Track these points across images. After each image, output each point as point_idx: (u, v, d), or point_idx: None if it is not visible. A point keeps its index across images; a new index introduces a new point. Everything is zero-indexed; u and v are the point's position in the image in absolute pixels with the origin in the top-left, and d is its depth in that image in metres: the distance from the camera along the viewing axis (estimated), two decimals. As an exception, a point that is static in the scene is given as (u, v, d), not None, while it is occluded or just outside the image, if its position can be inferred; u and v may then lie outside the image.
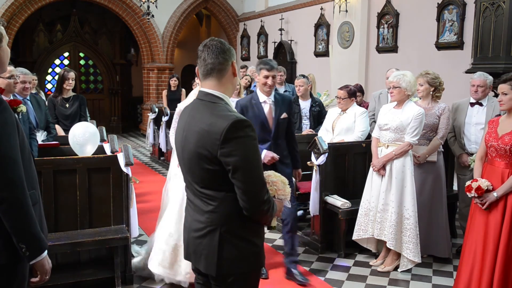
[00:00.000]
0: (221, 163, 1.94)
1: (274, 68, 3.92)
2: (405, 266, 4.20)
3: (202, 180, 2.04)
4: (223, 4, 13.39)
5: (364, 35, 8.63)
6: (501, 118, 3.46)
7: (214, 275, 2.06)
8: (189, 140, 2.05)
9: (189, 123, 2.08)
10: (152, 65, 13.17)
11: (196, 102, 2.12)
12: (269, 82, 3.91)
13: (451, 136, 4.76)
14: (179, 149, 2.15)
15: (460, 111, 4.71)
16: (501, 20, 5.64)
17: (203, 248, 2.06)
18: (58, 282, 3.68)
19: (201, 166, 2.01)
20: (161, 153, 9.58)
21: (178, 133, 2.18)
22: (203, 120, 2.00)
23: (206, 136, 1.96)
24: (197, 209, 2.10)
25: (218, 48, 2.07)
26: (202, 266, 2.08)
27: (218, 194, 2.02)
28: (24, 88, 4.69)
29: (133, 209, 4.02)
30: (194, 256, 2.13)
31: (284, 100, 4.07)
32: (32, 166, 2.18)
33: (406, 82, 4.09)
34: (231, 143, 1.91)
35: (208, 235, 2.05)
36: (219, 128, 1.92)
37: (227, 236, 2.03)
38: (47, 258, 2.05)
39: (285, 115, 3.99)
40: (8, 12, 11.27)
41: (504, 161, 3.31)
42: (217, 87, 2.09)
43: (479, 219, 3.39)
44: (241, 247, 2.05)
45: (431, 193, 4.44)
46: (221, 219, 2.03)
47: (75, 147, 4.20)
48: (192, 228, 2.12)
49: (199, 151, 1.99)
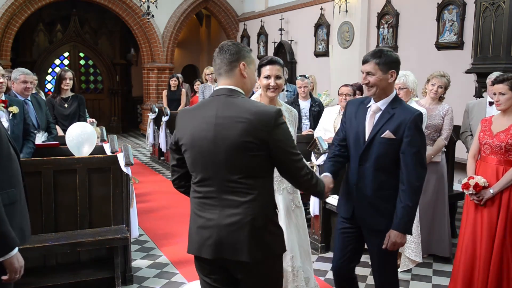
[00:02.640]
0: (267, 149, 2.08)
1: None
2: (406, 266, 4.21)
3: (246, 170, 2.11)
4: (223, 4, 13.39)
5: (364, 35, 8.63)
6: (494, 117, 3.50)
7: (262, 260, 2.15)
8: (230, 132, 2.09)
9: (223, 117, 2.11)
10: (152, 65, 13.17)
11: (220, 98, 2.17)
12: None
13: (468, 135, 4.77)
14: (207, 146, 2.12)
15: (479, 110, 4.69)
16: (501, 20, 5.64)
17: (246, 238, 2.11)
18: (58, 282, 3.69)
19: (246, 155, 2.09)
20: (161, 153, 9.58)
21: (199, 131, 2.15)
22: (245, 111, 2.10)
23: (254, 125, 2.07)
24: (229, 203, 2.13)
25: (227, 51, 2.19)
26: (244, 256, 2.12)
27: (258, 182, 2.14)
28: (25, 88, 4.70)
29: (133, 209, 4.02)
30: (231, 250, 2.13)
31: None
32: (13, 165, 2.16)
33: (411, 82, 4.09)
34: (278, 129, 2.09)
35: (248, 225, 2.11)
36: (268, 116, 2.08)
37: (267, 222, 2.17)
38: (18, 256, 2.05)
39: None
40: (8, 12, 11.27)
41: (498, 158, 3.36)
42: (234, 83, 2.20)
43: (474, 216, 3.43)
44: (274, 231, 2.20)
45: (434, 193, 4.45)
46: (260, 207, 2.14)
47: (72, 148, 4.19)
48: (226, 223, 2.13)
49: (246, 140, 2.07)
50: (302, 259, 3.46)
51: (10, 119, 3.95)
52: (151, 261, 4.52)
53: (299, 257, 3.42)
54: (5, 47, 11.63)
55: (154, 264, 4.44)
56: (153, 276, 4.18)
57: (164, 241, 5.05)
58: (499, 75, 3.52)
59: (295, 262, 3.37)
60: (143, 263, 4.45)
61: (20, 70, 4.73)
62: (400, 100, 2.74)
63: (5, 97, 4.10)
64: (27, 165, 3.66)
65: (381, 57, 2.64)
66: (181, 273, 4.25)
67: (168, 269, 4.34)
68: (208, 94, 8.05)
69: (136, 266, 4.33)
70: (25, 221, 2.15)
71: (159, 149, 9.50)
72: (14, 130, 3.96)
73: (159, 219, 5.78)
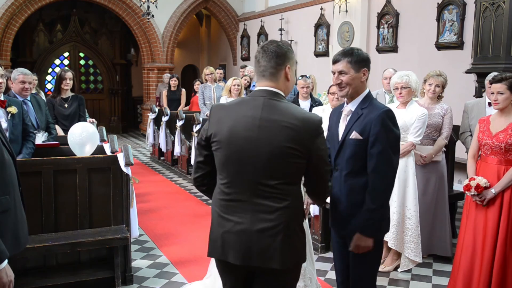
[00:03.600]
0: (308, 157, 2.07)
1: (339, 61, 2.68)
2: (406, 266, 4.21)
3: (285, 176, 2.07)
4: (223, 4, 13.39)
5: (364, 35, 8.63)
6: (492, 117, 3.50)
7: (292, 267, 2.14)
8: (272, 137, 2.04)
9: (268, 120, 2.06)
10: (152, 65, 13.17)
11: (263, 100, 2.11)
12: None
13: (467, 135, 4.77)
14: (246, 148, 2.06)
15: (479, 111, 4.70)
16: (501, 20, 5.64)
17: (279, 244, 2.06)
18: (58, 282, 3.68)
19: (288, 161, 2.05)
20: (161, 153, 9.59)
21: (240, 130, 2.08)
22: (290, 116, 2.06)
23: (299, 131, 2.04)
24: (263, 208, 2.07)
25: (272, 52, 2.14)
26: (276, 263, 2.07)
27: (292, 189, 2.11)
28: (23, 88, 4.69)
29: (133, 209, 4.02)
30: (260, 257, 2.07)
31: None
32: (7, 171, 2.06)
33: (414, 82, 4.09)
34: (320, 138, 2.10)
35: (282, 232, 2.07)
36: (313, 123, 2.08)
37: (296, 228, 2.14)
38: (7, 270, 1.93)
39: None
40: (8, 12, 11.27)
41: (499, 158, 3.37)
42: (276, 86, 2.16)
43: (476, 216, 3.43)
44: (302, 237, 2.18)
45: (435, 192, 4.45)
46: (292, 214, 2.11)
47: (74, 147, 4.20)
48: (257, 229, 2.07)
49: (289, 146, 2.03)
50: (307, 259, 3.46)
51: (9, 119, 3.94)
52: (151, 261, 4.51)
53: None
54: (5, 47, 11.63)
55: (154, 264, 4.44)
56: (153, 276, 4.18)
57: (164, 241, 5.05)
58: (497, 74, 3.52)
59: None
60: (143, 263, 4.45)
61: (19, 70, 4.72)
62: (371, 99, 2.61)
63: (4, 97, 4.10)
64: (27, 165, 3.67)
65: (352, 55, 2.55)
66: (181, 273, 4.25)
67: (168, 269, 4.34)
68: (208, 94, 8.05)
69: (136, 266, 4.33)
70: (21, 228, 2.07)
71: (159, 149, 9.50)
72: (13, 130, 3.96)
73: (159, 219, 5.78)
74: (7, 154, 2.11)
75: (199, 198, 6.81)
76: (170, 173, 8.55)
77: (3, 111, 3.93)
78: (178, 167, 8.62)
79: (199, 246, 4.80)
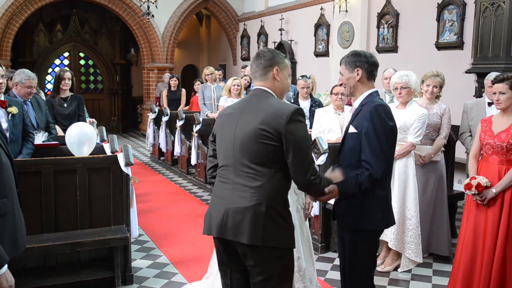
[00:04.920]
0: (281, 141, 2.24)
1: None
2: (407, 266, 4.21)
3: (258, 156, 2.27)
4: (223, 4, 13.39)
5: (364, 35, 8.63)
6: (494, 117, 3.51)
7: (260, 245, 2.25)
8: (249, 121, 2.30)
9: (250, 108, 2.36)
10: (152, 65, 13.17)
11: (253, 96, 2.43)
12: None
13: (467, 135, 4.77)
14: (229, 134, 2.36)
15: (478, 111, 4.70)
16: (501, 20, 5.64)
17: (248, 221, 2.25)
18: (58, 282, 3.68)
19: (260, 142, 2.26)
20: (161, 153, 9.59)
21: (230, 119, 2.40)
22: (269, 104, 2.32)
23: (272, 116, 2.26)
24: (239, 187, 2.30)
25: (262, 57, 2.43)
26: (245, 238, 2.25)
27: (268, 171, 2.28)
28: (29, 93, 4.73)
29: (133, 209, 4.02)
30: (233, 230, 2.28)
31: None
32: (4, 173, 2.04)
33: (413, 82, 4.09)
34: (294, 124, 2.25)
35: (253, 209, 2.25)
36: (286, 110, 2.26)
37: (271, 211, 2.27)
38: (7, 275, 1.90)
39: None
40: (8, 12, 11.27)
41: (500, 157, 3.38)
42: (266, 85, 2.43)
43: (476, 216, 3.44)
44: (280, 223, 2.31)
45: (434, 192, 4.46)
46: (266, 195, 2.27)
47: (72, 148, 4.19)
48: (234, 204, 2.29)
49: (262, 128, 2.25)
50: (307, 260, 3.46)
51: (9, 119, 3.94)
52: (151, 261, 4.51)
53: (304, 258, 3.43)
54: (5, 47, 11.63)
55: (154, 264, 4.44)
56: (153, 276, 4.18)
57: (164, 241, 5.05)
58: (499, 74, 3.53)
59: (301, 263, 3.38)
60: (143, 263, 4.45)
61: (26, 74, 4.67)
62: (373, 96, 2.70)
63: (4, 97, 4.10)
64: (27, 165, 3.68)
65: (348, 57, 2.76)
66: (181, 273, 4.25)
67: (168, 269, 4.34)
68: (208, 94, 8.05)
69: (136, 266, 4.33)
70: (19, 231, 2.06)
71: (159, 149, 9.50)
72: (14, 130, 3.96)
73: (159, 219, 5.78)
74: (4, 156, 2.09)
75: (199, 198, 6.82)
76: (170, 173, 8.55)
77: (3, 111, 3.93)
78: (178, 167, 8.62)
79: (199, 246, 4.80)
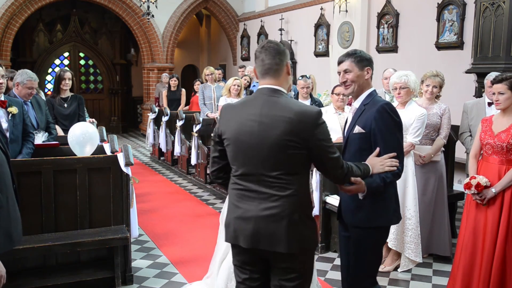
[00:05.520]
0: (307, 148, 2.20)
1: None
2: (406, 266, 4.21)
3: (285, 167, 2.22)
4: (223, 4, 13.39)
5: (364, 35, 8.63)
6: (494, 117, 3.51)
7: (298, 252, 2.26)
8: (273, 129, 2.20)
9: (267, 115, 2.23)
10: (152, 65, 13.17)
11: (269, 97, 2.28)
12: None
13: (467, 135, 4.77)
14: (251, 142, 2.24)
15: (478, 111, 4.70)
16: (501, 20, 5.64)
17: (284, 230, 2.22)
18: (58, 282, 3.68)
19: (286, 153, 2.20)
20: (161, 153, 9.59)
21: (244, 127, 2.27)
22: (290, 109, 2.21)
23: (297, 124, 2.18)
24: (268, 196, 2.25)
25: (275, 50, 2.30)
26: (283, 247, 2.23)
27: (296, 179, 2.25)
28: (30, 93, 4.73)
29: (133, 209, 4.02)
30: (268, 240, 2.25)
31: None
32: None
33: (413, 82, 4.09)
34: (319, 128, 2.21)
35: (287, 218, 2.23)
36: (310, 115, 2.20)
37: (303, 216, 2.28)
38: None
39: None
40: (8, 12, 11.27)
41: (500, 157, 3.38)
42: (277, 83, 2.32)
43: (476, 215, 3.44)
44: (309, 225, 2.32)
45: (434, 192, 4.46)
46: (298, 202, 2.26)
47: (74, 148, 4.20)
48: (264, 214, 2.24)
49: (288, 138, 2.18)
50: None
51: (9, 119, 3.94)
52: (151, 261, 4.51)
53: None
54: (5, 47, 11.64)
55: (154, 264, 4.44)
56: (153, 276, 4.18)
57: (164, 241, 5.05)
58: (498, 74, 3.53)
59: None
60: (143, 263, 4.45)
61: (28, 75, 4.66)
62: (374, 96, 2.72)
63: (4, 97, 4.10)
64: (27, 165, 3.68)
65: (355, 55, 2.72)
66: (181, 273, 4.25)
67: (168, 269, 4.34)
68: (208, 94, 8.05)
69: (136, 266, 4.33)
70: (14, 225, 2.08)
71: (159, 149, 9.50)
72: (14, 130, 3.96)
73: (159, 219, 5.78)
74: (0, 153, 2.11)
75: (199, 198, 6.82)
76: (170, 173, 8.55)
77: (4, 111, 3.93)
78: (178, 167, 8.62)
79: (199, 246, 4.80)
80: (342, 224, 2.86)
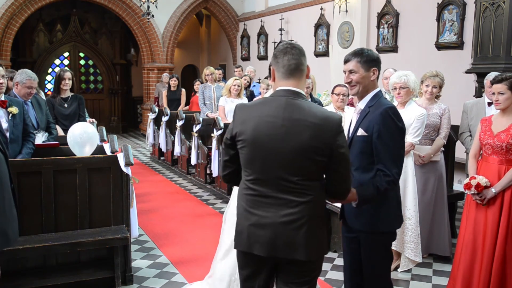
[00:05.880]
0: (329, 155, 2.15)
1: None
2: (406, 266, 4.21)
3: (307, 172, 2.17)
4: (223, 4, 13.40)
5: (364, 35, 8.63)
6: (494, 117, 3.52)
7: (315, 259, 2.24)
8: (297, 134, 2.14)
9: (290, 119, 2.15)
10: (152, 65, 13.17)
11: (286, 99, 2.20)
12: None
13: (467, 135, 4.77)
14: (272, 147, 2.15)
15: (478, 111, 4.70)
16: (501, 20, 5.64)
17: (303, 237, 2.17)
18: (58, 282, 3.68)
19: (309, 158, 2.14)
20: (161, 153, 9.59)
21: (265, 129, 2.17)
22: (313, 114, 2.16)
23: (321, 130, 2.14)
24: (286, 202, 2.17)
25: (300, 51, 2.27)
26: (302, 255, 2.18)
27: (315, 184, 2.20)
28: (29, 93, 4.73)
29: (133, 209, 4.02)
30: (287, 248, 2.18)
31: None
32: None
33: (412, 82, 4.09)
34: (340, 135, 2.17)
35: (305, 225, 2.17)
36: (334, 122, 2.16)
37: (320, 222, 2.25)
38: None
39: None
40: (8, 12, 11.27)
41: (500, 157, 3.38)
42: (298, 86, 2.26)
43: (476, 216, 3.44)
44: (324, 229, 2.31)
45: (434, 192, 4.46)
46: (317, 207, 2.22)
47: (73, 148, 4.20)
48: (282, 222, 2.17)
49: (314, 145, 2.13)
50: None
51: (9, 119, 3.95)
52: (151, 261, 4.52)
53: None
54: (5, 47, 11.64)
55: (154, 264, 4.44)
56: (153, 276, 4.18)
57: (164, 241, 5.05)
58: (498, 74, 3.53)
59: None
60: (143, 263, 4.45)
61: (28, 74, 4.67)
62: (379, 97, 2.68)
63: (5, 97, 4.10)
64: (27, 165, 3.68)
65: (362, 55, 2.65)
66: (181, 273, 4.25)
67: (168, 269, 4.34)
68: (208, 94, 8.05)
69: (136, 266, 4.33)
70: (10, 224, 2.08)
71: (159, 149, 9.50)
72: (14, 130, 3.96)
73: (159, 219, 5.78)
74: None
75: (199, 198, 6.82)
76: (170, 173, 8.55)
77: (4, 111, 3.93)
78: (178, 167, 8.62)
79: (199, 246, 4.80)
80: (346, 225, 2.85)
